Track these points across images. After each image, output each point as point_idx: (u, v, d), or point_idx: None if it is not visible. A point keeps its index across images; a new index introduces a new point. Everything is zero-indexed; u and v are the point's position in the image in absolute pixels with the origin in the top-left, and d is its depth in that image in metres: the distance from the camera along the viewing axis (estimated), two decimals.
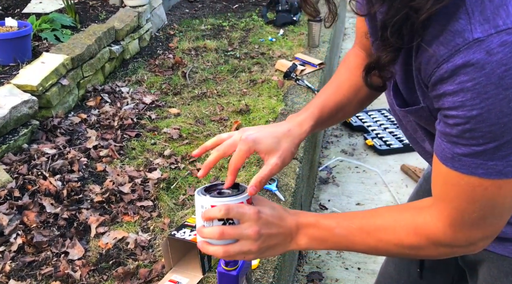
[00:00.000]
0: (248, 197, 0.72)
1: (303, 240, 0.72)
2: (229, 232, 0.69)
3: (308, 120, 0.81)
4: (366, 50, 0.89)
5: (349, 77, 0.87)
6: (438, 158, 0.62)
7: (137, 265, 1.44)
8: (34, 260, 1.45)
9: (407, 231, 0.67)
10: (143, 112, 2.37)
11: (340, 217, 0.72)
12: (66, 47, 2.44)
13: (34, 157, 1.88)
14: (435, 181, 0.65)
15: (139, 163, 1.96)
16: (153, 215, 1.67)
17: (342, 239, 0.71)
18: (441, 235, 0.64)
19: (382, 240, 0.69)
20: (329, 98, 0.85)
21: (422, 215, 0.67)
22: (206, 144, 0.80)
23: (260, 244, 0.69)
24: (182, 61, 2.95)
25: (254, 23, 3.69)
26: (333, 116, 0.85)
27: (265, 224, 0.69)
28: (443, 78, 0.55)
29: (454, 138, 0.57)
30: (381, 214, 0.71)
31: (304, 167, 2.10)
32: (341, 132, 3.26)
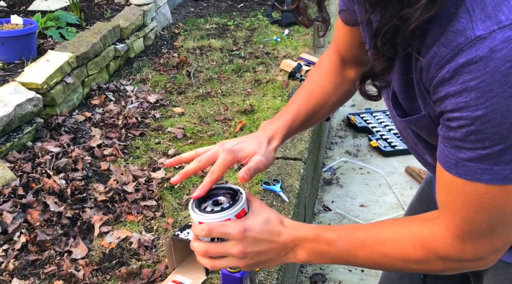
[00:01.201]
0: (240, 209, 0.68)
1: (302, 254, 0.68)
2: (212, 251, 0.67)
3: (282, 129, 0.82)
4: (341, 56, 0.88)
5: (321, 84, 0.87)
6: (442, 165, 0.59)
7: (141, 265, 1.44)
8: (38, 258, 1.45)
9: (413, 244, 0.64)
10: (148, 111, 2.37)
11: (342, 230, 0.69)
12: (71, 45, 2.44)
13: (38, 155, 1.88)
14: (440, 191, 0.63)
15: (143, 162, 1.96)
16: (156, 215, 1.66)
17: (343, 253, 0.67)
18: (449, 248, 0.61)
19: (387, 254, 0.65)
20: (301, 106, 0.85)
21: (429, 227, 0.64)
22: (181, 157, 0.77)
23: (248, 261, 0.67)
24: (186, 60, 2.95)
25: (259, 22, 3.68)
26: (305, 123, 0.86)
27: (251, 242, 0.66)
28: (445, 79, 0.53)
29: (458, 142, 0.55)
30: (386, 227, 0.67)
31: (308, 168, 2.10)
32: (346, 133, 3.25)
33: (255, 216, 0.68)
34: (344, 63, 0.88)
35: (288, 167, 1.94)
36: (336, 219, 2.48)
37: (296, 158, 2.00)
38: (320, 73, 0.89)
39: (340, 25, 0.84)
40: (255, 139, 0.78)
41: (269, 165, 0.77)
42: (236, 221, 0.67)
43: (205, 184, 0.71)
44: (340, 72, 0.89)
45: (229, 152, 0.73)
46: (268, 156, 0.77)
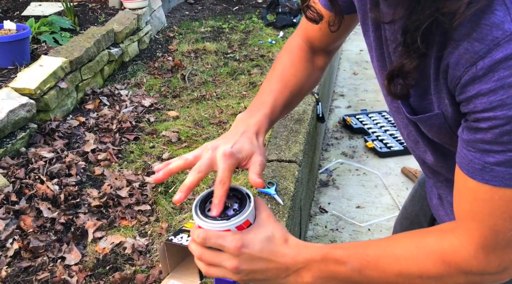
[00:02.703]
0: (243, 220, 0.62)
1: (307, 277, 0.63)
2: (207, 258, 0.63)
3: (264, 122, 0.76)
4: (310, 43, 0.85)
5: (294, 73, 0.83)
6: (464, 171, 0.56)
7: (134, 270, 1.43)
8: (31, 265, 1.44)
9: (433, 260, 0.59)
10: (142, 115, 2.36)
11: (352, 248, 0.64)
12: (65, 50, 2.44)
13: (31, 161, 1.87)
14: (462, 200, 0.59)
15: (137, 166, 1.95)
16: (150, 219, 1.65)
17: (355, 275, 0.61)
18: (473, 260, 0.57)
19: (403, 273, 0.60)
20: (277, 97, 0.79)
21: (448, 239, 0.59)
22: (171, 169, 0.68)
23: (242, 277, 0.63)
24: (181, 63, 2.94)
25: (254, 25, 3.69)
26: (281, 114, 0.81)
27: (247, 260, 0.61)
28: (476, 77, 0.50)
29: (487, 146, 0.52)
30: (400, 242, 0.63)
31: (303, 170, 2.09)
32: (342, 135, 3.24)
33: (257, 231, 0.63)
34: (313, 50, 0.86)
35: (283, 169, 1.93)
36: (333, 221, 2.48)
37: (291, 161, 1.99)
38: (292, 61, 0.85)
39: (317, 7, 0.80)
40: (245, 136, 0.72)
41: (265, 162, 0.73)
42: (236, 234, 0.62)
43: (220, 198, 0.63)
44: (310, 59, 0.86)
45: (231, 156, 0.67)
46: (263, 153, 0.72)
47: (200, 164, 0.67)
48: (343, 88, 3.85)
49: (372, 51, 0.71)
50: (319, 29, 0.82)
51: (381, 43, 0.67)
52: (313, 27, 0.83)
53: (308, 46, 0.86)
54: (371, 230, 2.41)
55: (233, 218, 0.62)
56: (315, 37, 0.84)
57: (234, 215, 0.63)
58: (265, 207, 0.65)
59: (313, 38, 0.85)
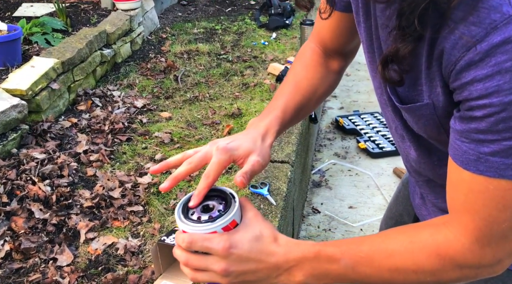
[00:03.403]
0: (230, 221, 0.60)
1: (299, 276, 0.61)
2: (193, 263, 0.60)
3: (274, 124, 0.75)
4: (324, 46, 0.85)
5: (306, 76, 0.82)
6: (458, 163, 0.55)
7: (127, 271, 1.43)
8: (22, 266, 1.43)
9: (427, 253, 0.58)
10: (135, 116, 2.36)
11: (345, 245, 0.62)
12: (57, 51, 2.43)
13: (23, 162, 1.86)
14: (454, 192, 0.58)
15: (130, 167, 1.95)
16: (143, 220, 1.65)
17: (348, 271, 0.60)
18: (467, 253, 0.56)
19: (398, 268, 0.59)
20: (289, 100, 0.79)
21: (442, 232, 0.58)
22: (168, 162, 0.68)
23: (231, 280, 0.60)
24: (174, 64, 2.94)
25: (247, 26, 3.69)
26: (295, 117, 0.80)
27: (236, 261, 0.59)
28: (472, 62, 0.48)
29: (481, 135, 0.51)
30: (393, 238, 0.61)
31: (296, 170, 2.10)
32: (334, 135, 3.26)
33: (245, 231, 0.61)
34: (327, 54, 0.85)
35: (275, 170, 1.94)
36: (325, 221, 2.49)
37: (284, 161, 2.00)
38: (304, 65, 0.85)
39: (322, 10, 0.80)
40: (248, 136, 0.71)
41: (265, 165, 0.71)
42: (222, 235, 0.60)
43: (201, 190, 0.62)
44: (324, 63, 0.85)
45: (224, 151, 0.65)
46: (264, 154, 0.71)
47: (194, 157, 0.66)
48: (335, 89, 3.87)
49: (364, 43, 0.70)
50: (330, 30, 0.82)
51: (371, 34, 0.67)
52: (325, 28, 0.82)
53: (321, 50, 0.85)
54: (364, 230, 2.42)
55: (219, 219, 0.60)
56: (327, 38, 0.83)
57: (219, 216, 0.61)
58: (251, 206, 0.64)
59: (325, 39, 0.84)
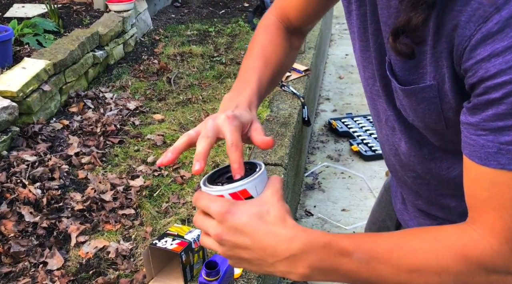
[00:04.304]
0: (240, 188, 0.56)
1: (301, 268, 0.53)
2: (197, 222, 0.57)
3: (253, 99, 0.70)
4: (286, 22, 0.84)
5: (274, 51, 0.80)
6: (476, 161, 0.50)
7: (118, 275, 1.42)
8: (11, 271, 1.42)
9: (453, 253, 0.52)
10: (127, 118, 2.35)
11: (360, 238, 0.55)
12: (48, 52, 2.41)
13: (13, 164, 1.84)
14: (475, 188, 0.52)
15: (122, 170, 1.94)
16: (135, 223, 1.64)
17: (362, 268, 0.53)
18: (496, 255, 0.51)
19: (420, 268, 0.52)
20: (262, 74, 0.75)
21: (467, 232, 0.52)
22: (177, 147, 0.60)
23: (226, 251, 0.56)
24: (167, 66, 2.93)
25: (241, 28, 3.69)
26: (267, 91, 0.77)
27: (230, 229, 0.54)
28: (490, 34, 0.44)
29: (500, 122, 0.46)
30: (416, 234, 0.56)
31: (289, 173, 2.10)
32: (327, 138, 3.27)
33: (253, 205, 0.55)
34: (289, 30, 0.85)
35: (268, 173, 1.93)
36: (318, 224, 2.49)
37: (277, 164, 2.00)
38: (270, 39, 0.81)
39: None
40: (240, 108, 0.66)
41: None
42: (227, 200, 0.55)
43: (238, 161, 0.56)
44: (288, 38, 0.83)
45: (235, 118, 0.60)
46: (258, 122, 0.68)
47: (206, 130, 0.59)
48: (328, 92, 3.88)
49: (355, 33, 0.69)
50: (297, 8, 0.81)
51: (365, 20, 0.65)
52: (292, 5, 0.81)
53: (283, 26, 0.84)
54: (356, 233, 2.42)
55: (228, 184, 0.56)
56: (292, 15, 0.82)
57: (229, 182, 0.57)
58: (278, 184, 0.57)
59: (290, 16, 0.83)
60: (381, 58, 0.65)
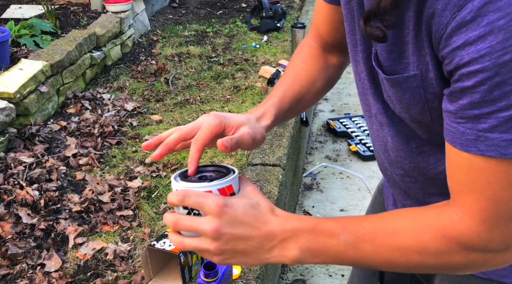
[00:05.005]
0: (227, 184, 0.58)
1: (293, 249, 0.56)
2: (183, 223, 0.56)
3: (271, 109, 0.73)
4: (322, 40, 0.85)
5: (305, 68, 0.82)
6: (458, 147, 0.52)
7: (116, 276, 1.41)
8: (9, 273, 1.41)
9: (433, 233, 0.55)
10: (125, 119, 2.34)
11: (345, 221, 0.58)
12: (46, 54, 2.40)
13: (10, 166, 1.83)
14: (455, 172, 0.55)
15: (120, 171, 1.93)
16: (133, 224, 1.63)
17: (348, 248, 0.56)
18: (474, 235, 0.53)
19: (401, 247, 0.55)
20: (287, 89, 0.77)
21: (447, 213, 0.55)
22: (161, 135, 0.64)
23: (221, 245, 0.55)
24: (165, 67, 2.93)
25: (238, 29, 3.69)
26: (293, 107, 0.78)
27: (230, 221, 0.55)
28: (464, 22, 0.46)
29: (476, 110, 0.48)
30: (397, 215, 0.59)
31: (287, 174, 2.10)
32: (325, 138, 3.27)
33: (242, 198, 0.57)
34: (325, 48, 0.86)
35: (266, 173, 1.93)
36: None
37: (275, 164, 2.00)
38: (302, 57, 0.84)
39: (321, 6, 0.81)
40: (243, 114, 0.69)
41: (258, 142, 0.67)
42: (218, 195, 0.56)
43: (192, 154, 0.59)
44: (322, 56, 0.85)
45: (215, 117, 0.62)
46: (257, 131, 0.67)
47: (185, 126, 0.63)
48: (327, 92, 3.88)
49: (346, 27, 0.70)
50: (326, 23, 0.82)
51: (353, 14, 0.67)
52: (321, 22, 0.83)
53: (319, 45, 0.86)
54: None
55: (216, 180, 0.58)
56: (324, 32, 0.84)
57: (216, 178, 0.58)
58: (250, 183, 0.61)
59: (322, 33, 0.84)
60: (368, 51, 0.66)
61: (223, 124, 0.63)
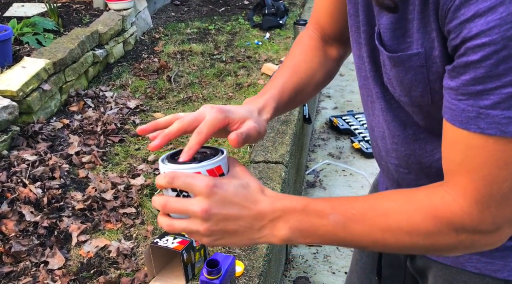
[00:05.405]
0: (216, 165, 0.57)
1: (283, 229, 0.56)
2: (172, 205, 0.55)
3: (271, 102, 0.72)
4: (322, 32, 0.84)
5: (304, 59, 0.81)
6: (457, 125, 0.51)
7: (119, 274, 1.41)
8: (12, 270, 1.41)
9: (424, 214, 0.54)
10: (127, 117, 2.34)
11: (336, 201, 0.58)
12: (48, 52, 2.40)
13: (13, 164, 1.84)
14: (451, 151, 0.54)
15: (123, 169, 1.93)
16: (136, 222, 1.64)
17: (338, 228, 0.56)
18: (465, 216, 0.53)
19: (391, 227, 0.55)
20: (286, 81, 0.76)
21: (439, 194, 0.55)
22: (158, 121, 0.63)
23: (211, 226, 0.55)
24: (167, 65, 2.93)
25: (241, 26, 3.68)
26: (292, 100, 0.77)
27: (219, 202, 0.54)
28: None
29: (479, 86, 0.47)
30: (388, 196, 0.59)
31: (290, 171, 2.09)
32: (328, 136, 3.26)
33: (232, 178, 0.57)
34: (325, 40, 0.84)
35: (269, 170, 1.93)
36: None
37: (278, 162, 1.99)
38: (302, 49, 0.82)
39: None
40: (244, 107, 0.68)
41: (262, 135, 0.67)
42: (207, 176, 0.56)
43: (191, 146, 0.58)
44: (322, 49, 0.83)
45: (220, 111, 0.62)
46: (261, 125, 0.67)
47: (186, 116, 0.62)
48: (329, 90, 3.87)
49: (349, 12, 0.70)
50: (327, 14, 0.81)
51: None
52: (322, 12, 0.82)
53: (319, 36, 0.84)
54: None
55: (204, 161, 0.57)
56: (325, 23, 0.82)
57: (205, 158, 0.57)
58: (240, 164, 0.61)
59: (323, 25, 0.83)
60: (371, 31, 0.65)
61: (228, 119, 0.63)
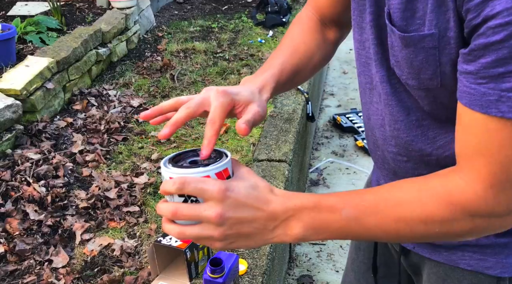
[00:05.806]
0: (223, 167, 0.56)
1: (297, 227, 0.55)
2: (183, 212, 0.54)
3: (270, 81, 0.71)
4: (321, 14, 0.84)
5: (303, 41, 0.80)
6: (477, 109, 0.50)
7: (123, 272, 1.42)
8: (17, 269, 1.42)
9: (438, 202, 0.54)
10: (131, 115, 2.34)
11: (347, 195, 0.57)
12: (52, 50, 2.41)
13: (18, 162, 1.84)
14: (466, 135, 0.53)
15: (126, 167, 1.93)
16: (139, 220, 1.64)
17: (351, 223, 0.55)
18: (481, 201, 0.53)
19: (405, 217, 0.54)
20: (285, 61, 0.75)
21: (453, 180, 0.54)
22: (162, 106, 0.62)
23: (225, 230, 0.54)
24: (170, 63, 2.92)
25: (244, 24, 3.68)
26: (289, 81, 0.76)
27: (233, 205, 0.54)
28: None
29: (501, 68, 0.46)
30: (400, 186, 0.57)
31: (293, 169, 2.09)
32: (332, 134, 3.25)
33: (240, 180, 0.56)
34: (324, 23, 0.84)
35: (272, 169, 1.93)
36: None
37: (281, 160, 1.99)
38: (301, 30, 0.82)
39: None
40: (246, 87, 0.67)
41: (264, 117, 0.66)
42: (217, 179, 0.55)
43: (210, 137, 0.57)
44: (320, 31, 0.83)
45: (225, 94, 0.61)
46: (263, 106, 0.66)
47: (191, 101, 0.61)
48: (333, 87, 3.86)
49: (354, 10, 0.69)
50: None
51: None
52: None
53: (317, 18, 0.84)
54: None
55: (212, 164, 0.55)
56: (324, 5, 0.83)
57: (213, 162, 0.56)
58: (244, 165, 0.61)
59: (322, 6, 0.83)
60: (378, 12, 0.64)
61: (233, 103, 0.62)
